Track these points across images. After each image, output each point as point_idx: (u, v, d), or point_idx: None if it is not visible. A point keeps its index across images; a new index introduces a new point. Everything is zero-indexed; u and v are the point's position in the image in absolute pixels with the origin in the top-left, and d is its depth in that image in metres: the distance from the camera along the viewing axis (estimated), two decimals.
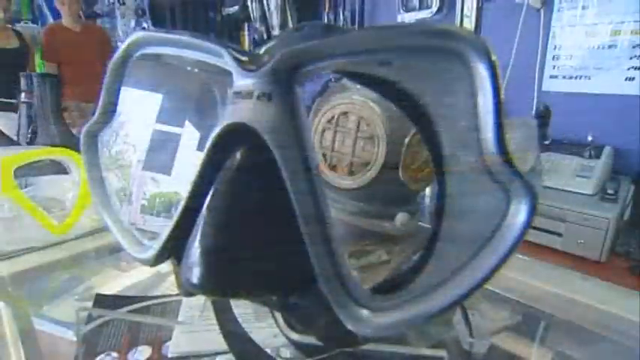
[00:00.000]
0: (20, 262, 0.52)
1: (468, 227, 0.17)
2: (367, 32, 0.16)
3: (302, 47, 0.15)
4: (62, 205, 0.63)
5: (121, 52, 0.20)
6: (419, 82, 0.16)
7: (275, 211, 0.16)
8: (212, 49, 0.17)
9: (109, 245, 0.57)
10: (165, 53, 0.19)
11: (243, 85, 0.16)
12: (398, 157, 0.40)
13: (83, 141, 0.21)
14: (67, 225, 0.52)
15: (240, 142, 0.16)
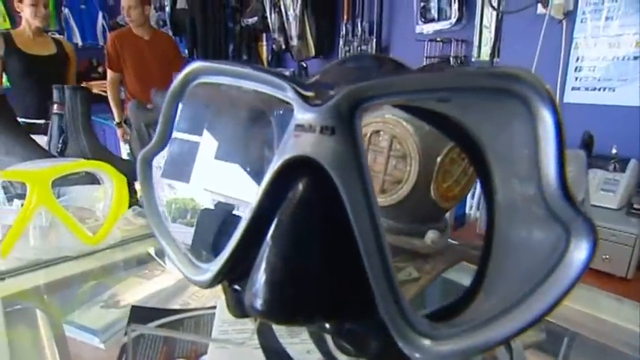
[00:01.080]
0: (56, 271, 0.53)
1: (525, 261, 0.17)
2: (431, 72, 0.16)
3: (367, 85, 0.16)
4: (92, 214, 0.65)
5: (179, 81, 0.21)
6: (477, 118, 0.17)
7: (337, 241, 0.16)
8: (274, 82, 0.18)
9: (138, 256, 0.58)
10: (222, 82, 0.20)
11: (306, 118, 0.17)
12: (430, 175, 0.40)
13: (139, 166, 0.22)
14: (100, 236, 0.54)
15: (303, 174, 0.16)
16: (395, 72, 0.18)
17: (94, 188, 0.64)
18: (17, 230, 0.51)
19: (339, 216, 0.16)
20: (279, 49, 2.45)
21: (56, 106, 0.94)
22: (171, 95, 0.21)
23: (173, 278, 0.57)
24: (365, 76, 0.18)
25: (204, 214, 0.23)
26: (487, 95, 0.16)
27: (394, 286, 0.16)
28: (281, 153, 0.17)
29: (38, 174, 0.52)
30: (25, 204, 0.51)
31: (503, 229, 0.19)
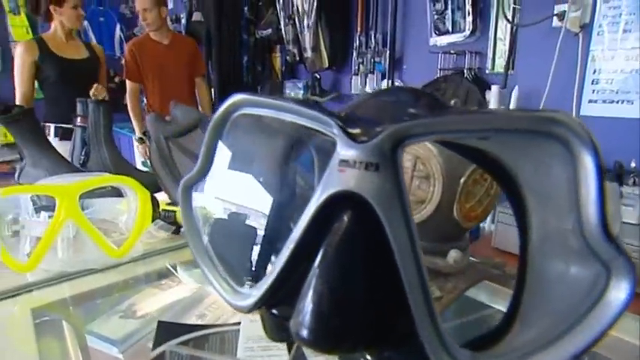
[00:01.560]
0: (81, 284, 0.55)
1: (561, 294, 0.18)
2: (472, 114, 0.17)
3: (412, 125, 0.17)
4: (115, 227, 0.66)
5: (222, 112, 0.22)
6: (514, 155, 0.17)
7: (380, 272, 0.17)
8: (317, 117, 0.18)
9: (160, 270, 0.59)
10: (264, 115, 0.21)
11: (351, 154, 0.17)
12: (453, 196, 0.40)
13: (181, 193, 0.23)
14: (125, 249, 0.55)
15: (349, 208, 0.17)
16: (433, 108, 0.19)
17: (117, 201, 0.65)
18: (46, 243, 0.53)
19: (381, 248, 0.17)
20: (292, 61, 2.47)
21: (79, 118, 0.97)
22: (214, 126, 0.22)
23: (189, 290, 0.58)
24: (404, 112, 0.19)
25: (244, 241, 0.24)
26: (527, 135, 0.16)
27: (434, 316, 0.17)
28: (326, 186, 0.18)
29: (66, 189, 0.53)
30: (54, 218, 0.53)
31: (537, 262, 0.19)
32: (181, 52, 2.24)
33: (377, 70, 2.13)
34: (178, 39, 2.33)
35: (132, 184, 0.56)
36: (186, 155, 0.89)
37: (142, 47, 2.21)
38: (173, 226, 0.62)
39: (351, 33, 2.24)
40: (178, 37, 2.37)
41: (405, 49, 2.09)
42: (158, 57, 2.20)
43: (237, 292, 0.21)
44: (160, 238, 0.63)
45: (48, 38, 1.90)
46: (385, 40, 2.09)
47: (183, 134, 0.94)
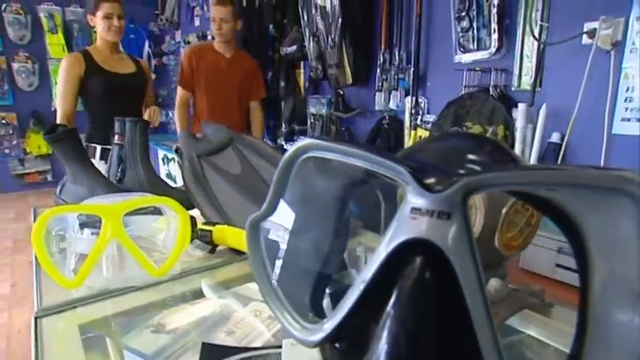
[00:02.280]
0: (123, 302, 0.56)
1: (624, 343, 0.18)
2: (544, 169, 0.17)
3: (486, 178, 0.17)
4: (153, 244, 0.68)
5: (291, 153, 0.23)
6: (581, 208, 0.18)
7: (450, 314, 0.18)
8: (388, 165, 0.19)
9: (196, 290, 0.61)
10: (332, 158, 0.22)
11: (424, 203, 0.18)
12: (494, 226, 0.41)
13: (248, 230, 0.24)
14: (165, 269, 0.57)
15: (421, 253, 0.18)
16: (497, 157, 0.20)
17: (154, 219, 0.68)
18: (92, 261, 0.55)
19: (452, 292, 0.18)
20: (316, 77, 2.51)
21: (117, 136, 1.01)
22: (282, 167, 0.23)
23: (218, 306, 0.60)
24: (470, 160, 0.20)
25: (309, 277, 0.25)
26: (596, 190, 0.17)
27: (502, 355, 0.17)
28: (397, 232, 0.18)
29: (112, 209, 0.56)
30: (100, 237, 0.55)
31: (599, 310, 0.19)
32: (239, 69, 2.14)
33: (401, 87, 2.14)
34: (241, 57, 2.21)
35: (173, 206, 0.57)
36: (219, 173, 0.92)
37: (201, 54, 2.12)
38: (209, 246, 0.64)
39: (375, 50, 2.26)
40: (242, 55, 2.24)
41: (429, 66, 2.10)
42: (215, 68, 2.11)
43: (303, 327, 0.21)
44: (197, 257, 0.65)
45: (93, 51, 1.82)
46: (409, 57, 2.10)
47: (215, 153, 0.97)
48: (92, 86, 1.78)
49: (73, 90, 1.76)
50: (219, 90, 2.14)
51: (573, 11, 1.54)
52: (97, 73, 1.78)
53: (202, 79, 2.12)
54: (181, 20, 4.62)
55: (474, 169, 0.19)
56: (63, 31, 4.87)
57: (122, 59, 1.91)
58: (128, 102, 1.84)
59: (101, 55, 1.82)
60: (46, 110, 4.99)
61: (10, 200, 4.77)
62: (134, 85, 1.90)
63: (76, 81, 1.75)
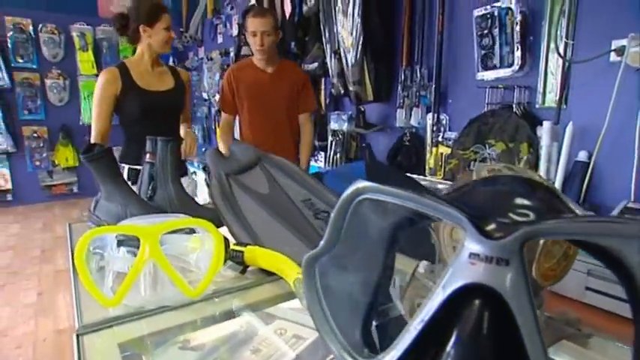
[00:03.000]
0: (158, 321, 0.58)
1: None
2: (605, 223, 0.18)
3: (544, 227, 0.18)
4: (184, 262, 0.70)
5: (349, 195, 0.24)
6: (635, 253, 0.18)
7: (508, 355, 0.18)
8: (446, 211, 0.20)
9: (228, 310, 0.62)
10: (390, 201, 0.22)
11: (483, 249, 0.19)
12: (532, 255, 0.40)
13: (304, 266, 0.25)
14: (200, 290, 0.58)
15: (479, 297, 0.19)
16: (552, 203, 0.20)
17: (186, 238, 0.69)
18: (130, 280, 0.57)
19: (509, 334, 0.18)
20: (337, 93, 2.54)
21: (148, 155, 1.04)
22: (339, 208, 0.25)
23: (245, 323, 0.60)
24: (525, 206, 0.20)
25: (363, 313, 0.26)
26: None
27: None
28: (456, 276, 0.19)
29: (149, 230, 0.58)
30: (138, 257, 0.57)
31: None
32: (285, 83, 1.97)
33: (422, 104, 2.14)
34: (285, 69, 2.03)
35: (209, 228, 0.59)
36: (247, 192, 0.93)
37: (241, 74, 2.00)
38: (240, 266, 0.65)
39: (396, 67, 2.28)
40: (287, 66, 2.07)
41: (450, 83, 2.10)
42: (256, 85, 1.96)
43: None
44: (228, 277, 0.66)
45: (132, 65, 1.75)
46: (430, 74, 2.11)
47: (243, 172, 0.99)
48: (127, 106, 1.72)
49: (108, 109, 1.71)
50: (264, 109, 1.98)
51: (600, 28, 1.53)
52: (133, 93, 1.71)
53: (244, 99, 1.99)
54: (205, 37, 4.76)
55: (529, 215, 0.19)
56: (93, 49, 5.08)
57: (162, 73, 1.81)
58: (164, 120, 1.77)
59: (140, 70, 1.74)
60: (75, 124, 5.18)
61: (38, 210, 4.93)
62: (171, 103, 1.82)
63: (112, 100, 1.70)
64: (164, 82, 1.81)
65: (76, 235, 0.99)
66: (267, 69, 1.98)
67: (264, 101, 1.98)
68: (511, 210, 0.20)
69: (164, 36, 1.72)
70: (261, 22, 1.86)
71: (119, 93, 1.70)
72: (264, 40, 1.86)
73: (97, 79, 1.74)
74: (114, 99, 1.70)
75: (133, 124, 1.76)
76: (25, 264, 3.40)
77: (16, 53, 4.73)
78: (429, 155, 2.14)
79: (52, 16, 4.88)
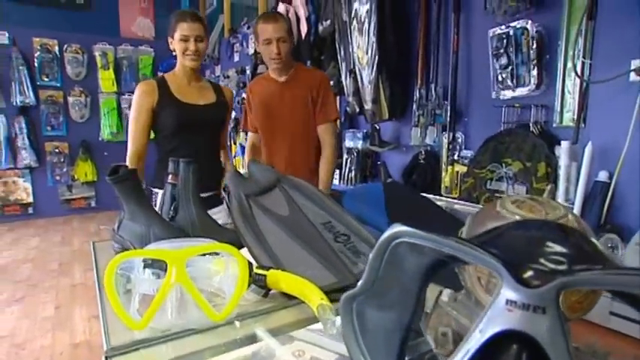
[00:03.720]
0: (183, 345, 0.59)
1: None
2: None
3: (581, 278, 0.19)
4: (207, 285, 0.71)
5: (386, 238, 0.25)
6: None
7: None
8: (483, 259, 0.21)
9: (251, 335, 0.62)
10: (425, 245, 0.23)
11: (520, 297, 0.20)
12: None
13: (342, 304, 0.26)
14: (225, 314, 0.59)
15: (516, 343, 0.19)
16: (586, 250, 0.21)
17: (209, 260, 0.70)
18: (157, 304, 0.58)
19: None
20: (353, 112, 2.56)
21: (171, 176, 1.06)
22: (377, 250, 0.26)
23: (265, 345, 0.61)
24: (558, 253, 0.21)
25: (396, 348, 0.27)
26: None
27: None
28: (493, 322, 0.20)
29: (177, 254, 0.59)
30: (165, 281, 0.59)
31: None
32: (299, 89, 1.73)
33: (437, 122, 2.15)
34: (300, 72, 1.77)
35: (234, 253, 0.60)
36: (266, 214, 0.95)
37: (255, 85, 1.86)
38: (263, 290, 0.66)
39: (412, 85, 2.30)
40: (301, 71, 1.80)
41: (466, 102, 2.10)
42: (268, 96, 1.77)
43: None
44: (251, 301, 0.67)
45: (171, 78, 1.63)
46: (446, 93, 2.12)
47: (263, 193, 1.00)
48: (164, 118, 1.59)
49: (144, 126, 1.59)
50: (276, 122, 1.77)
51: (618, 47, 1.52)
52: (170, 105, 1.57)
53: (257, 113, 1.82)
54: (221, 55, 4.87)
55: (563, 262, 0.20)
56: (114, 67, 5.25)
57: (202, 88, 1.67)
58: (202, 136, 1.63)
59: (178, 83, 1.62)
60: (94, 140, 5.33)
61: (57, 224, 5.04)
62: (211, 118, 1.66)
63: (148, 115, 1.58)
64: (204, 96, 1.66)
65: (99, 253, 1.01)
66: (279, 78, 1.77)
67: (276, 113, 1.77)
68: (545, 257, 0.21)
69: (180, 47, 1.56)
70: (275, 28, 1.65)
71: (156, 105, 1.57)
72: (280, 47, 1.65)
73: (116, 96, 1.77)
74: (150, 113, 1.58)
75: (169, 140, 1.62)
76: (43, 277, 3.47)
77: (42, 72, 4.93)
78: (445, 174, 2.13)
79: (76, 37, 5.08)
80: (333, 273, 0.75)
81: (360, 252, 0.82)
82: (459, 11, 2.05)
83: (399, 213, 0.90)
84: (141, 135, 1.59)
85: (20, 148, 4.88)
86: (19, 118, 4.85)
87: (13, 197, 5.05)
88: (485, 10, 1.89)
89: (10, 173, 4.98)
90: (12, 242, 4.39)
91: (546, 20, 1.76)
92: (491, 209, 0.48)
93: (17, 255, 3.99)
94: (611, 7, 1.55)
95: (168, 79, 1.64)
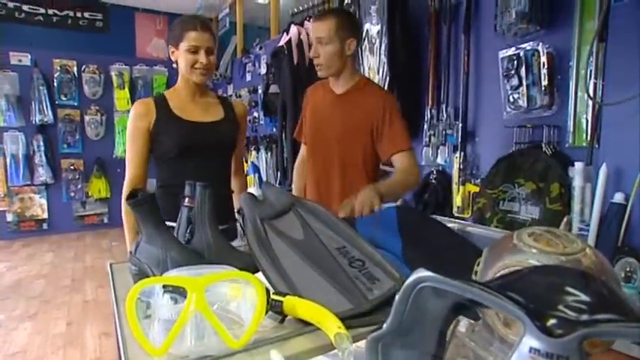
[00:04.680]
0: None
1: None
2: None
3: (606, 329, 0.19)
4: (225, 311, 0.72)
5: (411, 283, 0.26)
6: None
7: None
8: (505, 307, 0.22)
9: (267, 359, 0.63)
10: (448, 290, 0.24)
11: (544, 346, 0.20)
12: None
13: (368, 346, 0.27)
14: (243, 341, 0.60)
15: None
16: (606, 298, 0.22)
17: (225, 284, 0.71)
18: (176, 331, 0.59)
19: None
20: None
21: (187, 199, 1.07)
22: (402, 294, 0.27)
23: None
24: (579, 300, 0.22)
25: None
26: None
27: None
28: None
29: (196, 282, 0.61)
30: (185, 308, 0.60)
31: None
32: (356, 109, 1.40)
33: (449, 142, 2.15)
34: (361, 88, 1.45)
35: (253, 281, 0.61)
36: (281, 238, 0.95)
37: (312, 91, 1.58)
38: (280, 316, 0.67)
39: (423, 105, 2.32)
40: (362, 86, 1.46)
41: (477, 122, 2.11)
42: (320, 108, 1.50)
43: None
44: (269, 327, 0.67)
45: (171, 95, 1.42)
46: (457, 113, 2.13)
47: (277, 217, 1.01)
48: (163, 138, 1.37)
49: (140, 150, 1.38)
50: (322, 143, 1.48)
51: (631, 68, 1.52)
52: (169, 123, 1.36)
53: (307, 125, 1.56)
54: (234, 75, 4.97)
55: (585, 310, 0.21)
56: (129, 86, 5.40)
57: (208, 104, 1.46)
58: (207, 159, 1.41)
59: (180, 99, 1.41)
60: (109, 157, 5.44)
61: (70, 240, 5.11)
62: (217, 137, 1.42)
63: (145, 137, 1.37)
64: (210, 112, 1.44)
65: (117, 275, 1.03)
66: (336, 89, 1.47)
67: (324, 133, 1.47)
68: (567, 304, 0.21)
69: (187, 59, 1.34)
70: (315, 27, 1.41)
71: (152, 127, 1.36)
72: (318, 50, 1.39)
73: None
74: (147, 135, 1.37)
75: (169, 165, 1.41)
76: (56, 292, 3.50)
77: (61, 92, 5.08)
78: (457, 194, 2.13)
79: (94, 58, 5.24)
80: (348, 298, 0.75)
81: (374, 277, 0.82)
82: (469, 32, 2.08)
83: (413, 238, 0.90)
84: (138, 161, 1.39)
85: (37, 165, 5.00)
86: (38, 135, 4.99)
87: (29, 213, 5.15)
88: (496, 32, 1.91)
89: (27, 189, 5.09)
90: (27, 257, 4.45)
91: (557, 42, 1.77)
92: (508, 242, 0.49)
93: (31, 270, 4.04)
94: (621, 29, 1.56)
95: (168, 96, 1.42)
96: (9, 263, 4.25)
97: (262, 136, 4.07)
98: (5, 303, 3.27)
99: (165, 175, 1.45)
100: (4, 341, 2.66)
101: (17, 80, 4.85)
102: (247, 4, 4.82)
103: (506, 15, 1.84)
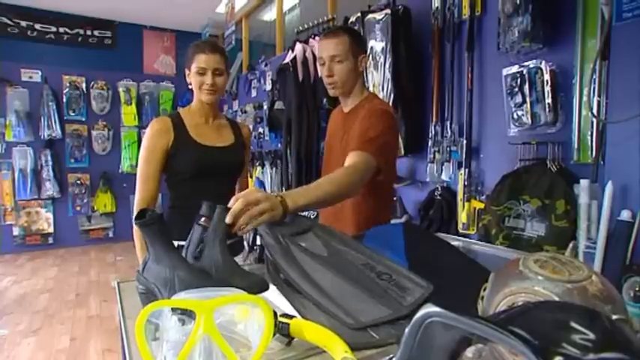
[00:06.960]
0: None
1: None
2: None
3: None
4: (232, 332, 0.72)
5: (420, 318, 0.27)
6: None
7: None
8: (511, 343, 0.22)
9: None
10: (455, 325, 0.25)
11: None
12: None
13: None
14: None
15: None
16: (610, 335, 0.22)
17: (232, 306, 0.72)
18: (185, 354, 0.59)
19: None
20: None
21: (204, 219, 1.07)
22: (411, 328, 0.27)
23: None
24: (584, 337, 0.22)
25: None
26: None
27: None
28: None
29: (205, 305, 0.61)
30: (194, 331, 0.60)
31: None
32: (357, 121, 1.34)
33: (453, 159, 2.16)
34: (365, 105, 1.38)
35: (261, 305, 0.62)
36: (305, 253, 0.93)
37: (330, 118, 1.61)
38: (287, 338, 0.67)
39: (427, 122, 2.33)
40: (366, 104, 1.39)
41: (481, 139, 2.12)
42: (331, 132, 1.52)
43: None
44: (275, 349, 0.67)
45: (186, 115, 1.48)
46: (461, 130, 2.15)
47: (298, 235, 1.01)
48: (179, 162, 1.42)
49: (156, 169, 1.41)
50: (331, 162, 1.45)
51: (635, 85, 1.53)
52: (186, 147, 1.42)
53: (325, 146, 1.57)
54: (239, 91, 5.03)
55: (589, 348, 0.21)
56: (136, 102, 5.48)
57: (220, 127, 1.54)
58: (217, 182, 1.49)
59: (195, 121, 1.47)
60: (115, 172, 5.49)
61: (75, 254, 5.13)
62: (229, 162, 1.52)
63: (161, 156, 1.41)
64: (222, 137, 1.52)
65: (124, 294, 1.03)
66: (345, 107, 1.46)
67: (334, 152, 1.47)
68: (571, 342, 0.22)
69: (196, 81, 1.42)
70: (327, 45, 1.34)
71: (170, 146, 1.41)
72: (333, 69, 1.33)
73: (137, 129, 1.49)
74: (164, 155, 1.41)
75: (181, 185, 1.47)
76: (60, 307, 3.50)
77: (69, 107, 5.17)
78: (462, 210, 2.12)
79: (102, 74, 5.34)
80: (385, 305, 0.76)
81: (404, 287, 0.82)
82: (473, 50, 2.11)
83: (419, 259, 0.90)
84: (153, 179, 1.41)
85: (45, 180, 5.06)
86: (45, 150, 5.06)
87: (35, 227, 5.18)
88: (499, 50, 1.94)
89: (34, 203, 5.13)
90: (32, 271, 4.47)
91: (559, 59, 1.79)
92: (514, 268, 0.49)
93: (36, 285, 4.05)
94: (623, 48, 1.57)
95: (183, 115, 1.48)
96: (14, 277, 4.26)
97: (267, 152, 4.09)
98: (9, 317, 3.27)
99: (175, 195, 1.51)
100: (7, 357, 2.66)
101: (27, 96, 4.95)
102: (253, 22, 4.91)
103: (508, 33, 1.87)
